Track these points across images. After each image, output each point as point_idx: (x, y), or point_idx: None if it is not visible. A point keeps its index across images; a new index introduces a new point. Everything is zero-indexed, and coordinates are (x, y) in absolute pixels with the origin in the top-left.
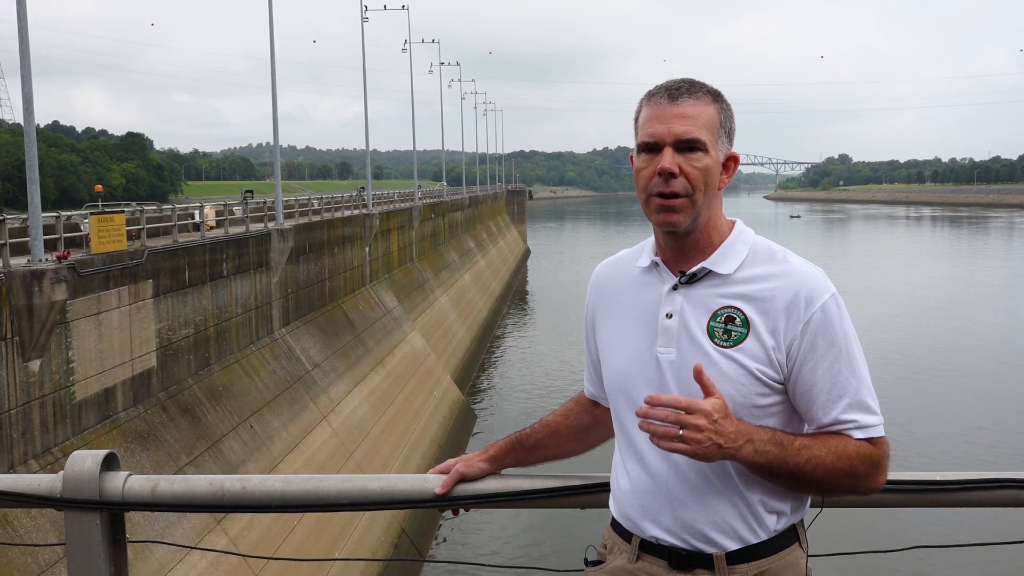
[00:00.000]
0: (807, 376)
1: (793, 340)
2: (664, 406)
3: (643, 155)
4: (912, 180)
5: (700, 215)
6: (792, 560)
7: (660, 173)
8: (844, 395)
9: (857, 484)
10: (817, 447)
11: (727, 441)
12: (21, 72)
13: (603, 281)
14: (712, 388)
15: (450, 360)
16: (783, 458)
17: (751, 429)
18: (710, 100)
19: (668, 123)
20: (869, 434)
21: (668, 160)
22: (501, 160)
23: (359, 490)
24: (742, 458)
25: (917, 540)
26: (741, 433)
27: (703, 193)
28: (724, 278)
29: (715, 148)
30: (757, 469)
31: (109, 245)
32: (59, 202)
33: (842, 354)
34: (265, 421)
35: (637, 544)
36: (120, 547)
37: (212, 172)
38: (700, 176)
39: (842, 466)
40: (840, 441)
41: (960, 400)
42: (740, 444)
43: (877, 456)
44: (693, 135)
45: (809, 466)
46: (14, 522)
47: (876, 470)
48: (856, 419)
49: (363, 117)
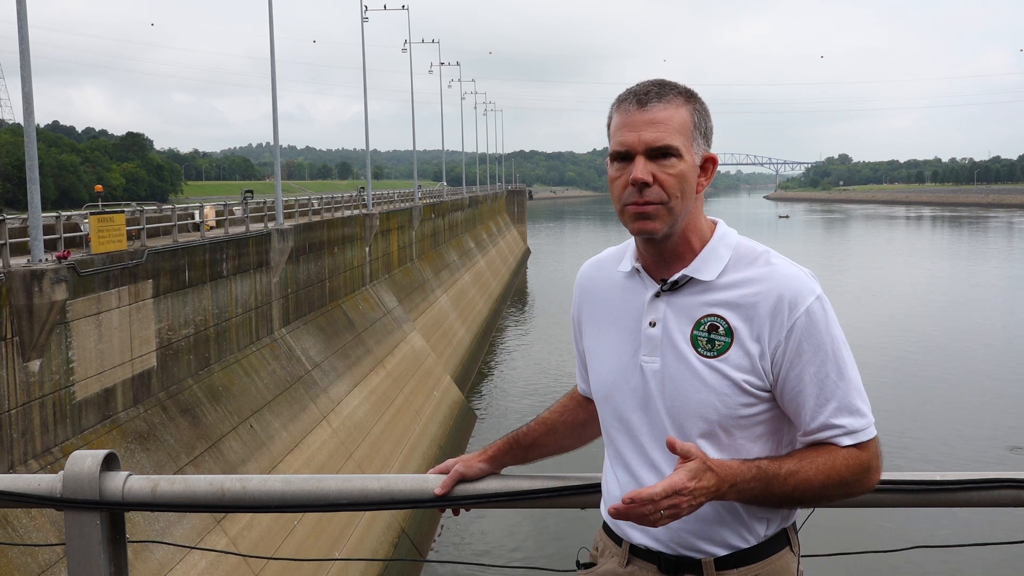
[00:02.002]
0: (794, 382)
1: (778, 346)
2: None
3: (616, 164)
4: (912, 180)
5: (678, 221)
6: (782, 565)
7: (633, 183)
8: (832, 399)
9: (850, 491)
10: (804, 470)
11: (708, 496)
12: (21, 72)
13: (588, 283)
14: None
15: (450, 360)
16: (769, 491)
17: (734, 472)
18: (682, 102)
19: (638, 131)
20: (858, 439)
21: (640, 170)
22: (501, 160)
23: (359, 490)
24: (727, 500)
25: (917, 540)
26: (724, 480)
27: (680, 199)
28: (707, 284)
29: (690, 152)
30: (744, 502)
31: (109, 245)
32: (59, 202)
33: (829, 358)
34: (265, 421)
35: (627, 548)
36: (120, 547)
37: (212, 172)
38: (675, 183)
39: (832, 483)
40: (828, 456)
41: (960, 400)
42: (724, 491)
43: (866, 461)
44: (664, 142)
45: (797, 492)
46: (14, 522)
47: (867, 473)
48: (844, 424)
49: (363, 117)
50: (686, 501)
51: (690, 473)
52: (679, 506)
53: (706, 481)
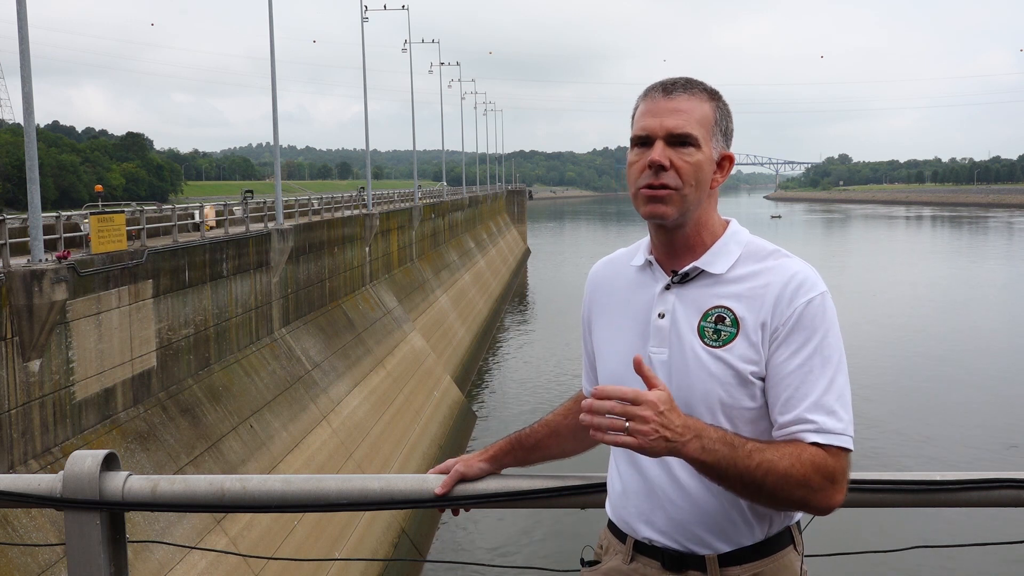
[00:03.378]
0: (776, 369)
1: (775, 332)
2: (610, 398)
3: (636, 149)
4: (912, 180)
5: (690, 211)
6: (786, 563)
7: (650, 165)
8: (810, 395)
9: (811, 497)
10: (771, 451)
11: (673, 435)
12: (21, 72)
13: (599, 280)
14: (655, 380)
15: (450, 360)
16: (732, 459)
17: (700, 426)
18: (706, 97)
19: (660, 117)
20: (829, 440)
21: (658, 152)
22: (501, 160)
23: (359, 490)
24: (687, 453)
25: (917, 540)
26: (688, 428)
27: (694, 188)
28: (716, 278)
29: (708, 145)
30: (705, 469)
31: (109, 245)
32: (59, 202)
33: (816, 353)
34: (265, 421)
35: (631, 545)
36: (120, 547)
37: (212, 172)
38: (691, 171)
39: (796, 473)
40: (795, 448)
41: (960, 400)
42: (688, 439)
43: (831, 469)
44: (685, 129)
45: (760, 470)
46: (14, 522)
47: (831, 484)
48: (817, 421)
49: (363, 117)
50: (652, 423)
51: (659, 397)
52: (647, 421)
53: (674, 417)
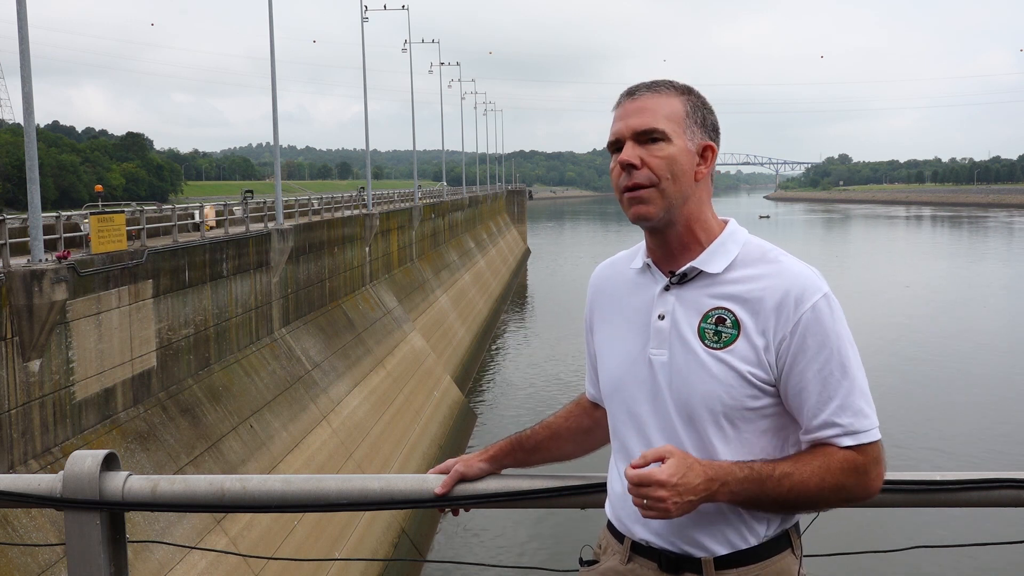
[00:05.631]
0: (797, 378)
1: (783, 340)
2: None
3: (613, 156)
4: (912, 180)
5: (674, 206)
6: (783, 567)
7: (620, 164)
8: (834, 397)
9: (849, 496)
10: (799, 472)
11: (697, 493)
12: (21, 72)
13: (601, 282)
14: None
15: (450, 360)
16: (763, 492)
17: (724, 471)
18: (674, 94)
19: (626, 119)
20: (859, 440)
21: (626, 152)
22: (501, 160)
23: (359, 490)
24: (719, 501)
25: (917, 540)
26: (713, 480)
27: (671, 182)
28: (714, 278)
29: (681, 138)
30: (740, 505)
31: (109, 245)
32: (59, 202)
33: (833, 356)
34: (265, 421)
35: (629, 546)
36: (120, 547)
37: (212, 172)
38: (663, 164)
39: (828, 486)
40: (824, 458)
41: (960, 400)
42: (714, 490)
43: (863, 465)
44: (649, 125)
45: (792, 494)
46: (14, 522)
47: (865, 479)
48: (845, 423)
49: (363, 117)
50: (667, 499)
51: (669, 470)
52: (661, 500)
53: (692, 478)
